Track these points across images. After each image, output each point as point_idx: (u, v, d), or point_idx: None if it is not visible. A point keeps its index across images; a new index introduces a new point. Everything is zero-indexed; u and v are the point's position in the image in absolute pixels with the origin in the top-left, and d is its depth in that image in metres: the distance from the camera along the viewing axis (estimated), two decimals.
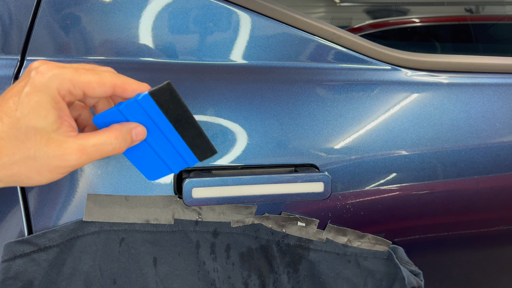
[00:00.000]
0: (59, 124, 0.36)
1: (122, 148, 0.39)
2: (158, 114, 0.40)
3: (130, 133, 0.40)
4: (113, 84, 0.38)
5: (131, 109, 0.39)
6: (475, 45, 1.01)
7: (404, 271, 0.59)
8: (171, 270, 0.54)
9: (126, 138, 0.39)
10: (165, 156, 0.44)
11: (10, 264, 0.48)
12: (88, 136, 0.37)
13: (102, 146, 0.38)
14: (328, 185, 0.53)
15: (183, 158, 0.44)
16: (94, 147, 0.37)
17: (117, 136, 0.38)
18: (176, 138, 0.42)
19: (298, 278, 0.59)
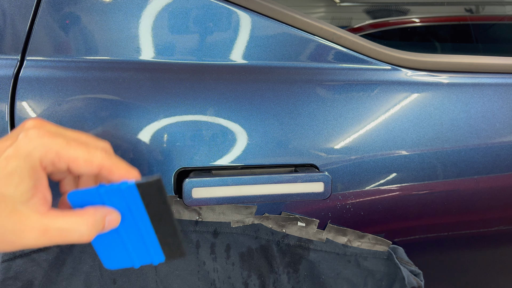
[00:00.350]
0: (30, 196, 0.33)
1: (91, 237, 0.35)
2: (138, 205, 0.37)
3: (103, 220, 0.36)
4: (100, 166, 0.35)
5: (112, 195, 0.37)
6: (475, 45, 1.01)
7: (404, 271, 0.59)
8: (171, 270, 0.54)
9: (97, 226, 0.35)
10: (132, 247, 0.40)
11: (10, 264, 0.48)
12: (57, 216, 0.33)
13: (68, 232, 0.33)
14: (328, 185, 0.53)
15: (149, 254, 0.41)
16: (58, 231, 0.33)
17: (88, 222, 0.34)
18: (148, 232, 0.39)
19: (298, 278, 0.59)
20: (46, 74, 0.50)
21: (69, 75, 0.51)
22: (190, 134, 0.52)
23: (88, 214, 0.35)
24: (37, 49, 0.51)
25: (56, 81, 0.50)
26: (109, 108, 0.51)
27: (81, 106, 0.50)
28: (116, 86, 0.51)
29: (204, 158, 0.53)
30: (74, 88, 0.50)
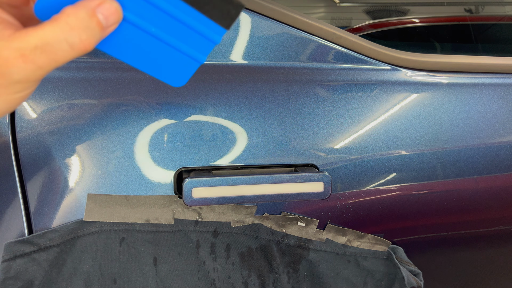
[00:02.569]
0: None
1: (86, 42, 0.26)
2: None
3: (93, 15, 0.26)
4: None
5: None
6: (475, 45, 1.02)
7: (403, 271, 0.59)
8: (171, 270, 0.55)
9: (87, 24, 0.26)
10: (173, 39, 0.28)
11: (10, 264, 0.48)
12: (27, 33, 0.25)
13: (52, 47, 0.25)
14: (328, 185, 0.53)
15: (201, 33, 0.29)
16: (39, 50, 0.25)
17: (71, 26, 0.25)
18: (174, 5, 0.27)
19: (298, 278, 0.59)
20: (46, 74, 0.50)
21: (69, 75, 0.51)
22: (190, 134, 0.52)
23: (65, 15, 0.25)
24: None
25: (56, 81, 0.50)
26: (109, 108, 0.51)
27: (81, 106, 0.50)
28: (116, 86, 0.51)
29: (204, 158, 0.53)
30: (74, 88, 0.50)
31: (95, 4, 0.26)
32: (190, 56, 0.30)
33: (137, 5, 0.27)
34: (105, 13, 0.26)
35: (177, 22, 0.28)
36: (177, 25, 0.28)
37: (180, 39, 0.29)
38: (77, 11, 0.25)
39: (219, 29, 0.29)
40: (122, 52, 0.29)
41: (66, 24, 0.25)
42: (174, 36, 0.28)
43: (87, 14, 0.26)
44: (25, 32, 0.25)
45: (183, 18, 0.28)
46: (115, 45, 0.28)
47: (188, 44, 0.29)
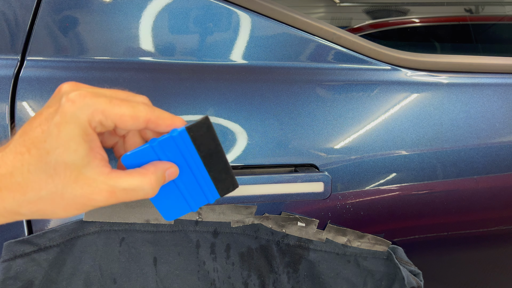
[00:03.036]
0: (90, 158, 0.33)
1: (155, 193, 0.36)
2: (190, 150, 0.37)
3: (164, 175, 0.36)
4: (147, 119, 0.35)
5: (165, 147, 0.37)
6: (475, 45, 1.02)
7: (403, 271, 0.59)
8: (171, 270, 0.54)
9: (160, 181, 0.36)
10: (188, 193, 0.41)
11: (10, 264, 0.48)
12: (121, 177, 0.34)
13: (133, 192, 0.34)
14: (328, 185, 0.53)
15: (205, 194, 0.41)
16: (124, 192, 0.34)
17: (151, 181, 0.35)
18: (202, 174, 0.40)
19: (298, 278, 0.59)
20: (46, 74, 0.50)
21: (69, 75, 0.51)
22: None
23: (150, 172, 0.35)
24: (37, 49, 0.51)
25: (56, 81, 0.50)
26: None
27: None
28: (116, 86, 0.51)
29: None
30: None
31: (167, 167, 0.37)
32: (189, 204, 0.41)
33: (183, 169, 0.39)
34: (170, 174, 0.37)
35: (197, 183, 0.40)
36: (195, 185, 0.40)
37: (191, 193, 0.40)
38: (156, 171, 0.36)
39: (216, 194, 0.41)
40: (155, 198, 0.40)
41: (149, 179, 0.35)
42: (189, 190, 0.40)
43: (161, 174, 0.36)
44: (119, 175, 0.34)
45: (201, 182, 0.40)
46: None
47: (193, 197, 0.41)
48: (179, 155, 0.38)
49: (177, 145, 0.37)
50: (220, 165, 0.40)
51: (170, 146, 0.37)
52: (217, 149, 0.39)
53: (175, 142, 0.37)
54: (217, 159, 0.39)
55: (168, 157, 0.37)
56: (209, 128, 0.37)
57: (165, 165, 0.37)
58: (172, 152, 0.37)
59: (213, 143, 0.38)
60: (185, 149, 0.37)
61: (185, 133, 0.36)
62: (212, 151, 0.38)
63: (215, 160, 0.39)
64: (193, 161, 0.39)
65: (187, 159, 0.38)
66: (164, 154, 0.37)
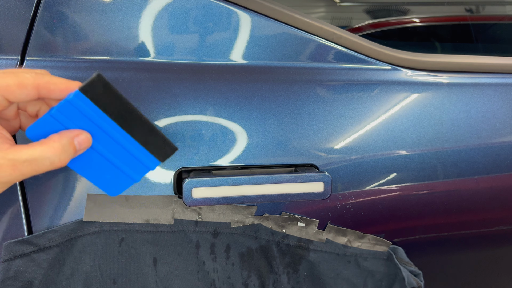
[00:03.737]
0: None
1: (63, 161, 0.35)
2: (96, 113, 0.35)
3: (71, 143, 0.35)
4: (35, 85, 0.34)
5: (65, 113, 0.35)
6: (475, 45, 1.01)
7: (404, 272, 0.59)
8: (171, 270, 0.54)
9: (66, 149, 0.35)
10: (121, 163, 0.39)
11: (10, 264, 0.48)
12: (21, 149, 0.33)
13: (37, 162, 0.34)
14: (328, 185, 0.53)
15: (141, 162, 0.39)
16: (27, 163, 0.33)
17: (55, 149, 0.34)
18: (125, 138, 0.37)
19: (298, 279, 0.59)
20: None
21: (69, 75, 0.51)
22: (190, 134, 0.52)
23: (52, 141, 0.35)
24: (37, 49, 0.51)
25: None
26: None
27: None
28: (116, 86, 0.51)
29: (204, 158, 0.53)
30: None
31: (74, 134, 0.36)
32: (129, 175, 0.40)
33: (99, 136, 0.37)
34: (80, 141, 0.36)
35: (125, 151, 0.38)
36: (125, 153, 0.38)
37: (124, 163, 0.39)
38: (60, 139, 0.35)
39: (155, 160, 0.40)
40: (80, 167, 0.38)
41: (51, 147, 0.34)
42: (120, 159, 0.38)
43: (68, 141, 0.35)
44: (19, 148, 0.33)
45: (131, 149, 0.38)
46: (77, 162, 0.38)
47: (129, 167, 0.39)
48: (87, 122, 0.36)
49: (78, 110, 0.35)
50: (143, 127, 0.37)
51: (71, 112, 0.35)
52: (128, 108, 0.36)
53: (74, 106, 0.35)
54: (136, 121, 0.37)
55: (76, 125, 0.36)
56: (106, 86, 0.35)
57: (71, 133, 0.36)
58: (78, 118, 0.36)
59: (120, 102, 0.36)
60: (90, 113, 0.35)
61: (80, 94, 0.34)
62: (123, 111, 0.36)
63: (133, 122, 0.37)
64: (107, 126, 0.37)
65: (99, 124, 0.36)
66: (69, 121, 0.36)
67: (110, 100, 0.36)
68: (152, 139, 0.38)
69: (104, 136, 0.37)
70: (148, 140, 0.38)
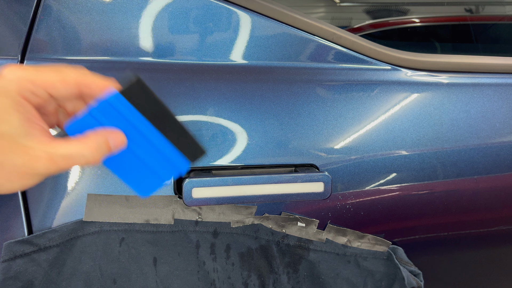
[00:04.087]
0: (27, 128, 0.33)
1: (97, 159, 0.36)
2: (133, 113, 0.37)
3: (106, 141, 0.36)
4: (77, 82, 0.35)
5: (104, 112, 0.36)
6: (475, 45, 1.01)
7: (403, 272, 0.59)
8: (171, 270, 0.54)
9: (101, 148, 0.36)
10: (153, 163, 0.39)
11: (10, 264, 0.48)
12: (59, 144, 0.34)
13: (72, 158, 0.35)
14: (328, 185, 0.53)
15: (172, 163, 0.40)
16: (63, 158, 0.34)
17: (90, 147, 0.35)
18: (158, 139, 0.38)
19: (298, 279, 0.59)
20: None
21: None
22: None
23: (88, 138, 0.35)
24: (37, 49, 0.51)
25: None
26: None
27: None
28: None
29: (204, 158, 0.53)
30: None
31: (109, 133, 0.36)
32: (160, 176, 0.40)
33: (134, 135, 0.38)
34: (115, 141, 0.37)
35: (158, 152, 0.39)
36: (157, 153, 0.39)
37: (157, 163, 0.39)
38: (97, 137, 0.36)
39: (185, 161, 0.40)
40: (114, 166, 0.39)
41: (86, 145, 0.35)
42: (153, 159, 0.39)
43: (103, 140, 0.36)
44: (57, 142, 0.34)
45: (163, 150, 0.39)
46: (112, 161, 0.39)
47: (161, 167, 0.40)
48: (124, 121, 0.37)
49: (115, 109, 0.36)
50: (176, 129, 0.38)
51: (109, 112, 0.36)
52: (164, 111, 0.37)
53: (112, 106, 0.36)
54: (170, 123, 0.38)
55: (113, 124, 0.37)
56: (143, 88, 0.36)
57: (107, 132, 0.36)
58: (115, 118, 0.36)
59: (156, 104, 0.37)
60: (128, 113, 0.36)
61: (118, 95, 0.36)
62: (159, 113, 0.37)
63: (166, 123, 0.38)
64: (143, 126, 0.38)
65: (135, 125, 0.37)
66: (107, 120, 0.36)
67: (147, 102, 0.37)
68: (184, 140, 0.39)
69: (138, 136, 0.38)
70: (180, 142, 0.39)
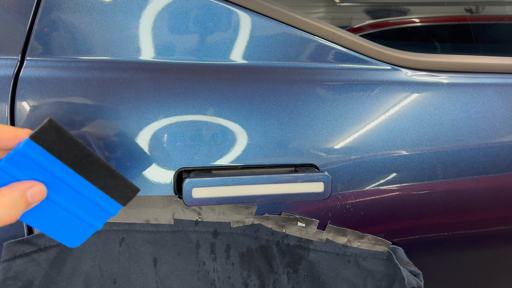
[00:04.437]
0: None
1: (13, 217, 0.32)
2: (51, 161, 0.33)
3: (23, 196, 0.32)
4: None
5: (16, 164, 0.32)
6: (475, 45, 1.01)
7: (403, 272, 0.59)
8: (171, 270, 0.54)
9: (17, 203, 0.32)
10: (79, 211, 0.36)
11: (10, 264, 0.48)
12: None
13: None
14: (328, 185, 0.53)
15: (102, 208, 0.37)
16: None
17: (6, 204, 0.31)
18: (83, 185, 0.35)
19: (298, 279, 0.59)
20: (46, 74, 0.50)
21: (69, 75, 0.51)
22: (190, 134, 0.52)
23: (1, 195, 0.31)
24: (37, 49, 0.51)
25: (56, 81, 0.50)
26: (109, 108, 0.51)
27: (81, 106, 0.50)
28: (116, 86, 0.51)
29: (204, 158, 0.53)
30: (74, 88, 0.50)
31: (26, 186, 0.32)
32: (89, 224, 0.37)
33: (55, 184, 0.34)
34: (33, 194, 0.33)
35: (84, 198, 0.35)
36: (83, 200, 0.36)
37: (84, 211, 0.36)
38: (11, 192, 0.32)
39: (116, 204, 0.37)
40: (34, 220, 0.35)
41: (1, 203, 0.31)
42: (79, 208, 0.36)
43: (19, 195, 0.32)
44: None
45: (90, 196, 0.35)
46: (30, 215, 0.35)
47: (90, 215, 0.37)
48: (40, 170, 0.33)
49: (30, 160, 0.32)
50: (101, 171, 0.35)
51: (23, 163, 0.32)
52: (84, 153, 0.34)
53: (26, 156, 0.32)
54: (93, 165, 0.34)
55: (28, 175, 0.33)
56: (59, 131, 0.32)
57: (23, 185, 0.32)
58: (30, 169, 0.33)
59: (75, 147, 0.33)
60: (44, 162, 0.33)
61: (31, 142, 0.32)
62: (80, 156, 0.34)
63: (90, 167, 0.34)
64: (63, 173, 0.34)
65: (54, 173, 0.33)
66: (21, 173, 0.33)
67: (64, 146, 0.33)
68: (112, 182, 0.36)
69: (59, 184, 0.34)
70: (107, 184, 0.36)
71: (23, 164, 0.33)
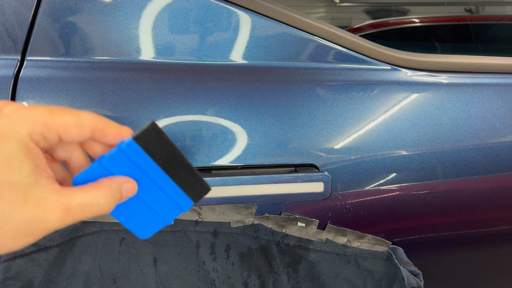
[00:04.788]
0: (37, 176, 0.30)
1: (111, 208, 0.34)
2: (145, 160, 0.35)
3: (120, 190, 0.34)
4: (93, 127, 0.32)
5: (115, 161, 0.34)
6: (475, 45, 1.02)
7: (403, 272, 0.59)
8: (171, 270, 0.54)
9: (115, 196, 0.34)
10: (157, 206, 0.38)
11: (10, 264, 0.48)
12: (73, 193, 0.31)
13: (89, 207, 0.32)
14: (328, 185, 0.53)
15: (177, 204, 0.39)
16: (80, 207, 0.31)
17: (107, 195, 0.33)
18: (166, 183, 0.37)
19: (297, 278, 0.59)
20: (46, 74, 0.50)
21: (69, 75, 0.51)
22: (190, 134, 0.52)
23: (104, 185, 0.33)
24: (37, 49, 0.51)
25: (56, 81, 0.50)
26: (109, 108, 0.51)
27: (81, 106, 0.50)
28: (116, 86, 0.51)
29: (204, 158, 0.53)
30: (74, 88, 0.50)
31: (123, 181, 0.35)
32: (162, 217, 0.39)
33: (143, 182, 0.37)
34: (127, 189, 0.35)
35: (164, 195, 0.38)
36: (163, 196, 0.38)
37: (161, 206, 0.38)
38: (111, 184, 0.34)
39: (189, 201, 0.39)
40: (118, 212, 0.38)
41: (103, 193, 0.33)
42: (158, 203, 0.38)
43: (117, 187, 0.34)
44: (72, 191, 0.32)
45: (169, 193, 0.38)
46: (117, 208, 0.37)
47: (165, 209, 0.39)
48: (134, 168, 0.35)
49: (128, 158, 0.34)
50: (184, 170, 0.37)
51: (121, 161, 0.34)
52: (175, 154, 0.36)
53: (126, 155, 0.34)
54: (179, 165, 0.37)
55: (123, 172, 0.35)
56: (158, 134, 0.35)
57: (120, 180, 0.35)
58: (126, 166, 0.35)
59: (169, 149, 0.36)
60: (139, 161, 0.35)
61: (133, 143, 0.34)
62: (170, 157, 0.36)
63: (176, 166, 0.37)
64: (153, 172, 0.36)
65: (145, 171, 0.36)
66: (117, 169, 0.35)
67: (160, 148, 0.35)
68: (191, 181, 0.38)
69: (146, 181, 0.37)
70: (186, 181, 0.38)
71: (121, 162, 0.35)
